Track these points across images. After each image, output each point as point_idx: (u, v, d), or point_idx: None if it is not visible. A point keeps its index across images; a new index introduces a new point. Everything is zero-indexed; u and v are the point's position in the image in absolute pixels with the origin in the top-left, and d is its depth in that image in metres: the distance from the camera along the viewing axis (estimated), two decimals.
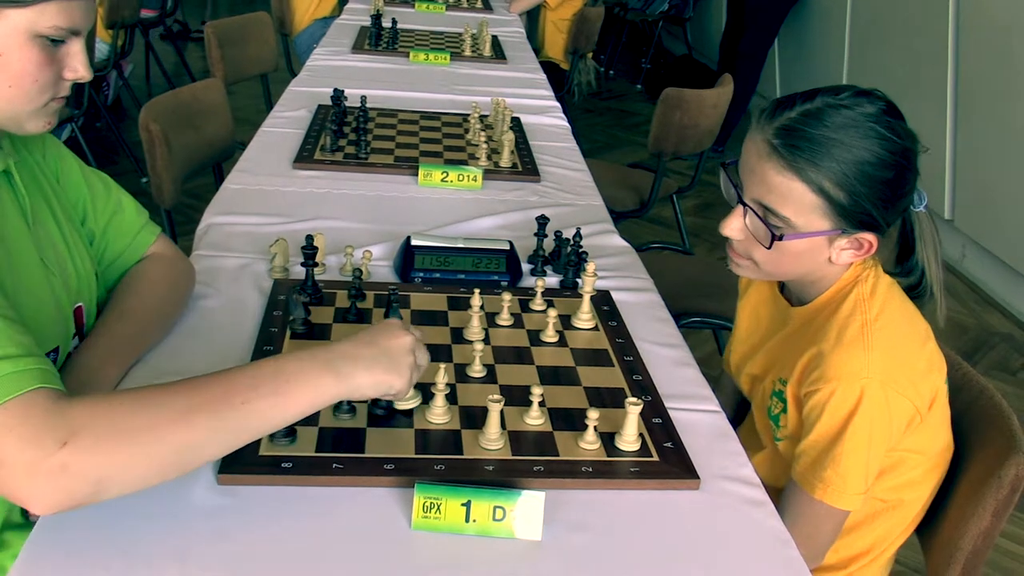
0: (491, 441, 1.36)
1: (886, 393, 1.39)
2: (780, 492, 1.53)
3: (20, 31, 1.21)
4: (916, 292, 1.53)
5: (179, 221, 2.85)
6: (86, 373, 1.40)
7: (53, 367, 1.11)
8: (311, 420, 1.35)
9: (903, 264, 1.53)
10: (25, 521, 1.40)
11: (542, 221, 1.98)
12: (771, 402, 1.57)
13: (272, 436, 1.32)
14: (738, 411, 1.92)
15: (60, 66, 1.28)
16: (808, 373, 1.46)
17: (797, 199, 1.40)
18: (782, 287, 1.66)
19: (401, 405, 1.39)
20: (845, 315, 1.45)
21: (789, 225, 1.43)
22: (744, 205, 1.48)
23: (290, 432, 1.33)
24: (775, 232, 1.44)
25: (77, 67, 1.29)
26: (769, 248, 1.45)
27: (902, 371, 1.41)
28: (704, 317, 2.77)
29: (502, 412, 1.43)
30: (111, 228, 1.57)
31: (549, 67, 4.75)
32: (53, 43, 1.25)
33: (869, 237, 1.43)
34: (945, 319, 1.53)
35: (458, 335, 1.67)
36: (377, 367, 1.23)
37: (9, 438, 1.02)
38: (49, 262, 1.40)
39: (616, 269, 2.02)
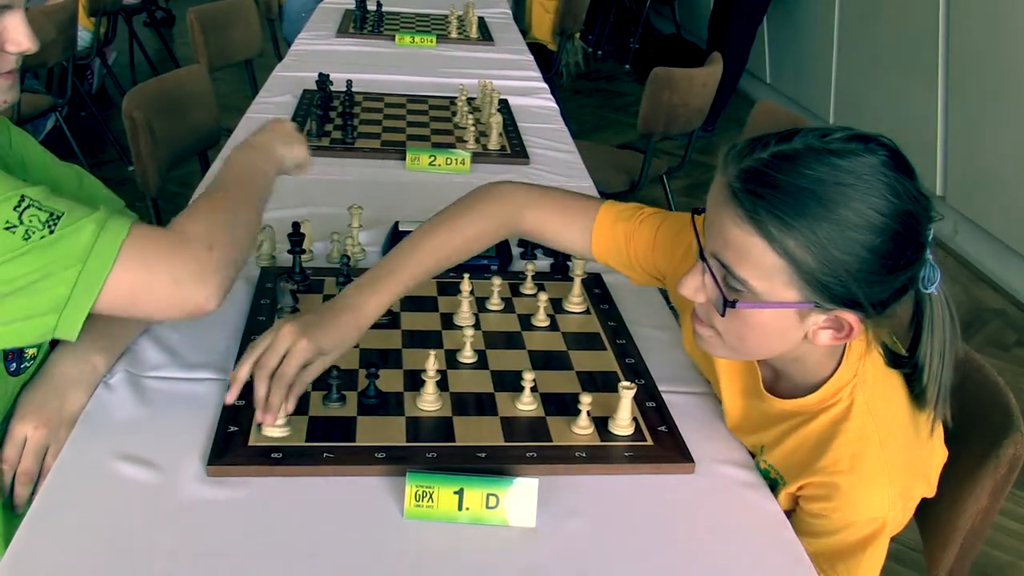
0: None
1: (906, 505, 1.27)
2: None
3: None
4: (912, 386, 1.28)
5: (165, 208, 2.83)
6: (73, 367, 1.39)
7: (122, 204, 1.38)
8: (300, 409, 1.34)
9: (912, 353, 1.25)
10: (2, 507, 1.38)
11: None
12: (755, 457, 1.41)
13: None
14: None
15: (1, 41, 1.24)
16: (817, 499, 1.27)
17: (756, 259, 1.13)
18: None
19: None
20: (855, 436, 1.23)
21: (748, 290, 1.15)
22: (703, 261, 1.22)
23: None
24: (727, 297, 1.17)
25: (20, 39, 1.25)
26: (723, 316, 1.18)
27: (920, 483, 1.29)
28: None
29: (494, 396, 1.42)
30: None
31: (536, 48, 4.73)
32: None
33: (849, 318, 1.15)
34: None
35: (448, 321, 1.66)
36: (285, 143, 1.59)
37: (172, 259, 1.22)
38: None
39: None
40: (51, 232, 1.15)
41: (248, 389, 1.34)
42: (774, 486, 1.35)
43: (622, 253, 1.50)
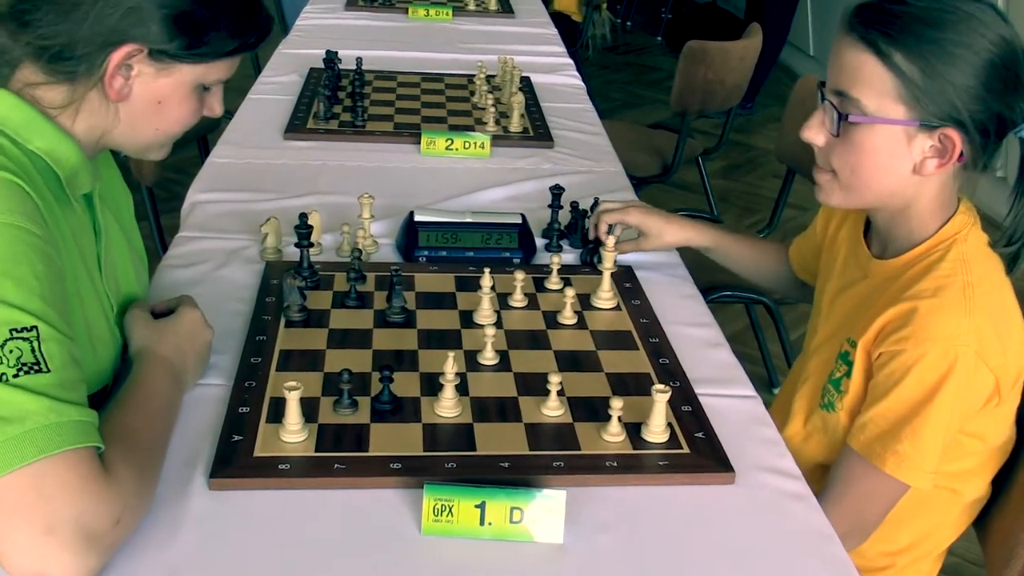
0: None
1: (977, 364, 1.37)
2: (813, 471, 1.52)
3: (187, 84, 1.31)
4: (1012, 246, 1.48)
5: (162, 198, 2.84)
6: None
7: (96, 417, 1.13)
8: (309, 417, 1.35)
9: (1011, 213, 1.47)
10: None
11: (556, 191, 1.96)
12: (835, 365, 1.55)
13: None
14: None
15: (203, 107, 1.39)
16: (892, 331, 1.43)
17: (867, 77, 1.38)
18: (866, 232, 1.62)
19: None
20: (945, 273, 1.42)
21: (860, 109, 1.40)
22: (824, 101, 1.46)
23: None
24: (840, 113, 1.42)
25: (214, 106, 1.41)
26: (837, 135, 1.43)
27: (997, 344, 1.39)
28: (735, 291, 2.76)
29: (518, 401, 1.43)
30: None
31: (561, 20, 4.72)
32: (205, 88, 1.36)
33: (953, 135, 1.38)
34: None
35: (467, 319, 1.66)
36: (199, 370, 1.46)
37: (72, 505, 1.04)
38: (112, 294, 1.42)
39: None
40: (14, 377, 1.05)
41: (252, 394, 1.34)
42: (837, 385, 1.53)
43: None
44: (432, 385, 1.45)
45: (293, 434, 1.32)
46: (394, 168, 2.33)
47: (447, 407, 1.40)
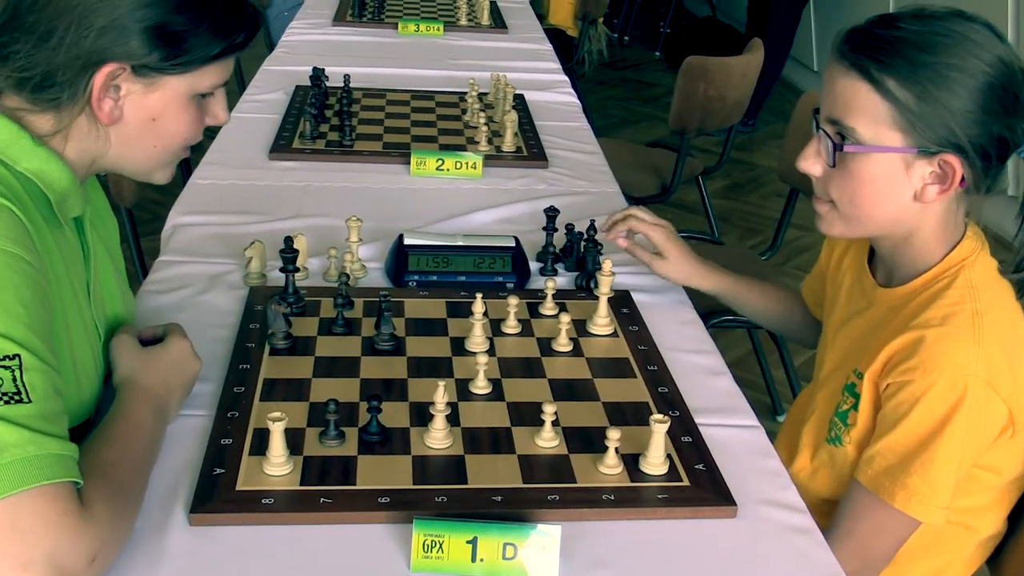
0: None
1: (988, 395, 1.37)
2: (820, 507, 1.51)
3: (179, 95, 1.31)
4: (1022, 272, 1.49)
5: (143, 220, 2.85)
6: None
7: (76, 451, 1.13)
8: (294, 449, 1.35)
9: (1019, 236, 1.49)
10: None
11: (551, 213, 1.97)
12: (841, 397, 1.55)
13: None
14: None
15: (204, 116, 1.38)
16: (899, 361, 1.43)
17: (862, 104, 1.39)
18: (870, 259, 1.62)
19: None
20: (952, 300, 1.43)
21: (856, 139, 1.41)
22: (819, 130, 1.48)
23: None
24: (836, 144, 1.43)
25: (218, 113, 1.40)
26: (834, 166, 1.44)
27: (1009, 373, 1.39)
28: (736, 315, 2.75)
29: (511, 432, 1.43)
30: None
31: (555, 35, 4.74)
32: (203, 96, 1.36)
33: (952, 160, 1.38)
34: None
35: (459, 346, 1.66)
36: (181, 402, 1.45)
37: (47, 541, 1.04)
38: (100, 321, 1.42)
39: (636, 265, 2.00)
40: None
41: (234, 425, 1.34)
42: (844, 418, 1.53)
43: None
44: (422, 415, 1.44)
45: (277, 467, 1.32)
46: (383, 189, 2.33)
47: (437, 438, 1.40)
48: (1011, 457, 1.47)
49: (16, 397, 1.07)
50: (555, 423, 1.43)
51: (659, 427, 1.36)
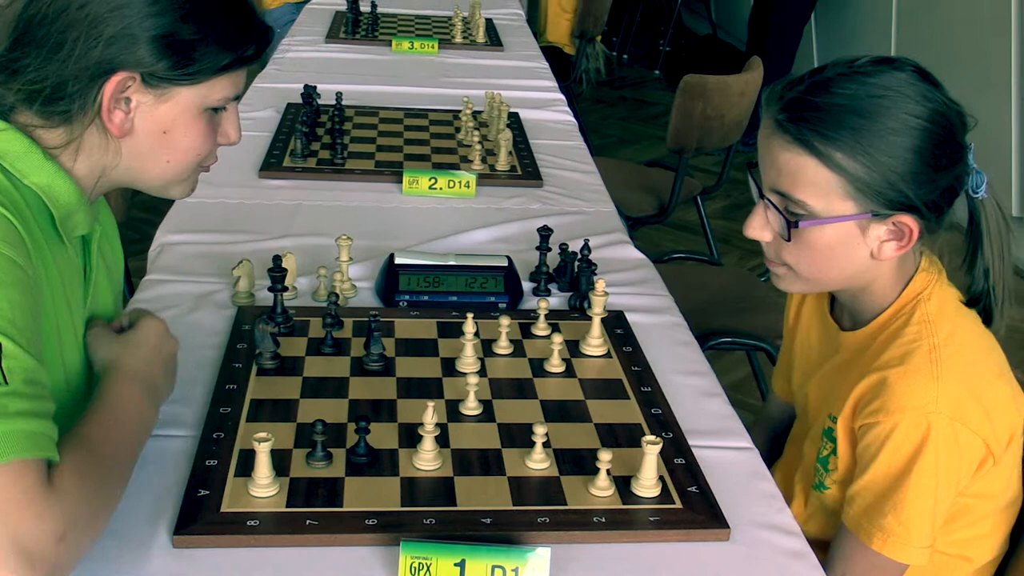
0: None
1: (955, 430, 1.37)
2: (820, 548, 1.52)
3: (191, 108, 1.33)
4: (978, 304, 1.51)
5: (130, 239, 2.84)
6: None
7: (53, 431, 1.13)
8: (280, 470, 1.35)
9: (970, 270, 1.50)
10: None
11: (545, 233, 1.98)
12: (821, 443, 1.56)
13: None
14: (772, 450, 1.90)
15: (216, 133, 1.40)
16: (865, 404, 1.44)
17: (810, 178, 1.39)
18: (832, 306, 1.64)
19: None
20: (910, 338, 1.44)
21: (807, 211, 1.41)
22: (764, 199, 1.47)
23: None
24: (789, 220, 1.43)
25: (230, 132, 1.42)
26: (788, 240, 1.44)
27: (975, 404, 1.39)
28: (736, 337, 2.76)
29: (501, 453, 1.43)
30: None
31: (552, 53, 4.76)
32: (215, 111, 1.37)
33: (907, 220, 1.39)
34: (1006, 328, 1.51)
35: (449, 367, 1.67)
36: (170, 382, 1.48)
37: (8, 521, 1.04)
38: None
39: (631, 285, 2.02)
40: None
41: (220, 445, 1.34)
42: (825, 464, 1.54)
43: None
44: (411, 436, 1.45)
45: (263, 488, 1.32)
46: (374, 208, 2.34)
47: (426, 459, 1.41)
48: (1001, 481, 1.47)
49: None
50: (546, 444, 1.44)
51: (651, 448, 1.37)
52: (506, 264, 1.93)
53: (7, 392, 1.08)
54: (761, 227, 1.48)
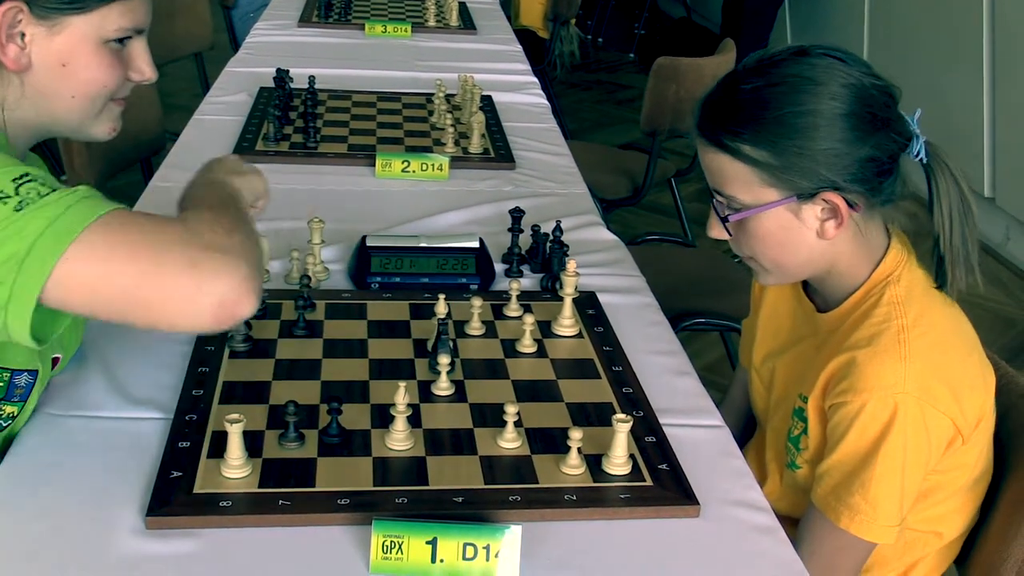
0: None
1: (923, 410, 1.39)
2: (794, 527, 1.53)
3: (87, 39, 1.32)
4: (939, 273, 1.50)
5: None
6: None
7: None
8: (253, 451, 1.36)
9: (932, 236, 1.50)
10: None
11: (516, 214, 1.98)
12: (792, 423, 1.58)
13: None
14: (745, 430, 1.92)
15: (125, 67, 1.40)
16: (835, 383, 1.46)
17: (729, 174, 1.46)
18: (806, 287, 1.65)
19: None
20: (879, 320, 1.45)
21: (740, 205, 1.47)
22: (712, 200, 1.52)
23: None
24: (720, 214, 1.50)
25: (143, 67, 1.42)
26: (731, 235, 1.51)
27: (943, 385, 1.41)
28: (709, 318, 2.77)
29: (473, 433, 1.44)
30: None
31: (526, 36, 4.76)
32: (119, 43, 1.37)
33: (832, 197, 1.42)
34: (959, 294, 1.50)
35: (422, 348, 1.67)
36: (238, 176, 1.51)
37: (174, 246, 1.14)
38: None
39: (603, 266, 2.03)
40: (46, 195, 1.13)
41: (192, 427, 1.34)
42: (796, 443, 1.56)
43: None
44: (383, 417, 1.46)
45: (235, 469, 1.33)
46: (347, 191, 2.34)
47: (398, 439, 1.41)
48: (970, 456, 1.49)
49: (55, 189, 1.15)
50: (518, 424, 1.45)
51: (622, 427, 1.38)
52: (477, 245, 1.93)
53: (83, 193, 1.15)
54: (717, 226, 1.53)
